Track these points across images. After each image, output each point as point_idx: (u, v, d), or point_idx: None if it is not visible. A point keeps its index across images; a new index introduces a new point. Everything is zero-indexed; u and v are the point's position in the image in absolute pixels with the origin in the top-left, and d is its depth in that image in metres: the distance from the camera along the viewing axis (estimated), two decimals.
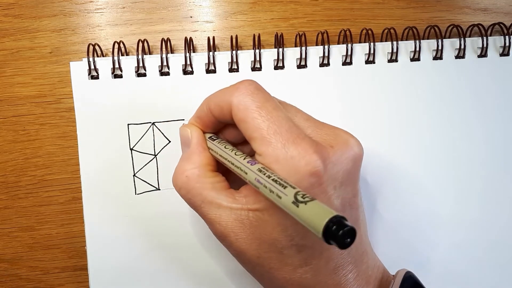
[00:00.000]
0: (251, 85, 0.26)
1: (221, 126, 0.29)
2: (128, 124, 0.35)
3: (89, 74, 0.34)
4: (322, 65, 0.36)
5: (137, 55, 0.34)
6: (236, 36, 0.36)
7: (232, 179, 0.28)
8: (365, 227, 0.29)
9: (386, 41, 0.37)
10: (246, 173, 0.25)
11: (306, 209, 0.20)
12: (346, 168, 0.25)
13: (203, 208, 0.27)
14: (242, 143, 0.30)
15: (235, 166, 0.26)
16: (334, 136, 0.26)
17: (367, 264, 0.28)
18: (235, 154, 0.26)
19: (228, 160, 0.27)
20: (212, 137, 0.29)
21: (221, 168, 0.28)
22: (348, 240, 0.19)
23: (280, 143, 0.24)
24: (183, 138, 0.29)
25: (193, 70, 0.35)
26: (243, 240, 0.26)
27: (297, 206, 0.21)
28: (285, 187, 0.22)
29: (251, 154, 0.26)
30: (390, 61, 0.36)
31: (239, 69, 0.35)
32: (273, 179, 0.23)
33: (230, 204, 0.26)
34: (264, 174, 0.23)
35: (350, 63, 0.36)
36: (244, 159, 0.25)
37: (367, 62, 0.36)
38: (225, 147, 0.27)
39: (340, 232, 0.19)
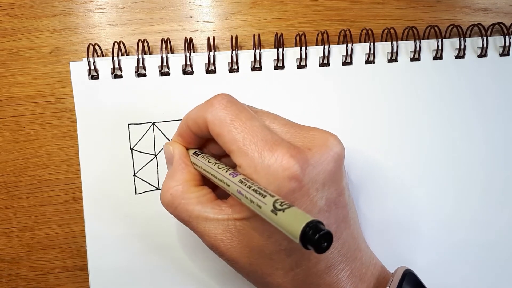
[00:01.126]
0: (224, 99, 0.26)
1: (203, 141, 0.29)
2: (128, 124, 0.35)
3: (89, 74, 0.34)
4: (322, 65, 0.36)
5: (137, 55, 0.34)
6: (236, 36, 0.36)
7: (222, 191, 0.28)
8: (356, 224, 0.29)
9: (386, 41, 0.37)
10: (229, 185, 0.25)
11: (284, 216, 0.21)
12: (326, 168, 0.25)
13: (192, 223, 0.27)
14: (226, 155, 0.30)
15: (218, 179, 0.26)
16: (311, 138, 0.26)
17: (361, 261, 0.28)
18: (218, 167, 0.27)
19: (211, 174, 0.27)
20: (196, 152, 0.29)
21: (208, 182, 0.29)
22: (325, 244, 0.19)
23: (256, 152, 0.24)
24: (167, 155, 0.30)
25: (193, 70, 0.35)
26: (233, 250, 0.26)
27: (276, 214, 0.21)
28: (264, 196, 0.22)
29: (235, 165, 0.27)
30: (390, 61, 0.36)
31: (239, 69, 0.35)
32: (253, 189, 0.23)
33: (216, 216, 0.26)
34: (245, 185, 0.24)
35: (350, 63, 0.36)
36: (227, 171, 0.26)
37: (367, 62, 0.36)
38: (208, 161, 0.28)
39: (316, 237, 0.19)
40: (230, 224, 0.26)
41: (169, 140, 0.35)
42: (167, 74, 0.35)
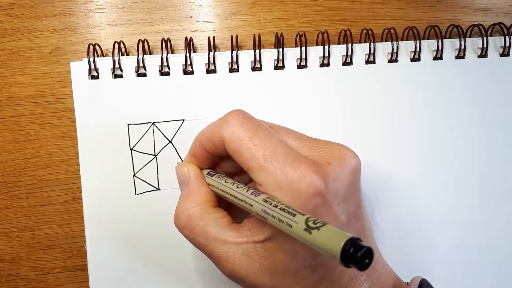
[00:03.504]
0: (239, 115, 0.26)
1: (217, 160, 0.29)
2: (128, 124, 0.35)
3: (89, 74, 0.34)
4: (322, 65, 0.36)
5: (137, 55, 0.34)
6: (236, 36, 0.36)
7: (233, 214, 0.28)
8: (372, 234, 0.29)
9: (386, 41, 0.37)
10: (252, 205, 0.24)
11: (319, 235, 0.20)
12: (346, 182, 0.25)
13: (209, 246, 0.26)
14: (239, 173, 0.29)
15: (238, 200, 0.25)
16: (329, 152, 0.26)
17: (379, 272, 0.28)
18: (237, 187, 0.26)
19: (230, 194, 0.26)
20: (211, 172, 0.28)
21: (221, 203, 0.28)
22: (367, 261, 0.19)
23: (278, 169, 0.24)
24: (181, 177, 0.29)
25: (193, 70, 0.35)
26: (254, 275, 0.26)
27: (310, 233, 0.20)
28: (294, 215, 0.22)
29: (250, 182, 0.26)
30: (390, 61, 0.36)
31: (239, 69, 0.35)
32: (280, 208, 0.23)
33: (235, 239, 0.26)
34: (271, 204, 0.23)
35: (350, 63, 0.36)
36: (247, 191, 0.25)
37: (367, 62, 0.36)
38: (225, 181, 0.27)
39: (358, 254, 0.19)
40: (250, 247, 0.25)
41: (169, 140, 0.35)
42: (167, 74, 0.35)
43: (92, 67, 0.34)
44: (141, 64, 0.35)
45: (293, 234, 0.22)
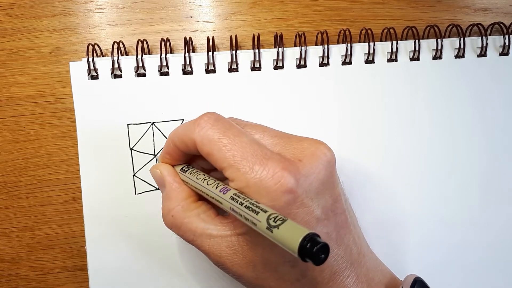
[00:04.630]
0: (211, 118, 0.26)
1: (191, 157, 0.29)
2: (127, 124, 0.35)
3: (88, 74, 0.34)
4: (321, 64, 0.36)
5: (137, 55, 0.35)
6: (236, 36, 0.36)
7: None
8: (356, 228, 0.29)
9: (385, 40, 0.37)
10: (221, 203, 0.25)
11: (279, 232, 0.21)
12: (318, 177, 0.25)
13: (196, 241, 0.27)
14: (216, 169, 0.30)
15: (209, 197, 0.26)
16: (301, 149, 0.26)
17: (366, 267, 0.28)
18: (207, 183, 0.26)
19: (202, 191, 0.27)
20: (184, 168, 0.29)
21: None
22: (323, 256, 0.20)
23: (248, 167, 0.24)
24: (156, 179, 0.30)
25: (193, 70, 0.35)
26: (238, 266, 0.26)
27: (271, 231, 0.21)
28: (257, 213, 0.22)
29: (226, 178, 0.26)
30: (389, 60, 0.36)
31: (239, 69, 0.35)
32: (245, 206, 0.23)
33: (219, 232, 0.26)
34: (237, 202, 0.24)
35: (350, 62, 0.36)
36: (217, 188, 0.26)
37: (367, 61, 0.36)
38: (197, 178, 0.27)
39: (314, 249, 0.19)
40: (233, 240, 0.26)
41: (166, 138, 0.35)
42: (167, 74, 0.35)
43: (92, 67, 0.34)
44: (140, 64, 0.35)
45: (259, 230, 0.22)
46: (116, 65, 0.34)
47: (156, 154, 0.35)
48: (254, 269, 0.26)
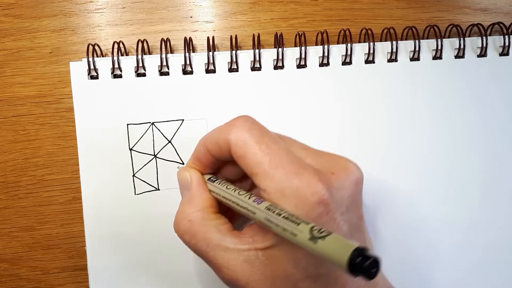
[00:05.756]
0: (248, 121, 0.26)
1: (219, 165, 0.29)
2: (127, 124, 0.35)
3: (88, 74, 0.34)
4: (321, 65, 0.36)
5: (137, 55, 0.35)
6: (236, 36, 0.36)
7: (232, 221, 0.28)
8: (371, 247, 0.29)
9: (385, 41, 0.37)
10: (255, 213, 0.24)
11: (325, 244, 0.20)
12: (349, 192, 0.25)
13: (210, 253, 0.26)
14: (240, 179, 0.29)
15: (241, 207, 0.25)
16: (333, 162, 0.26)
17: (379, 286, 0.28)
18: (239, 194, 0.26)
19: (232, 201, 0.26)
20: (212, 178, 0.28)
21: (221, 208, 0.28)
22: (375, 270, 0.19)
23: (283, 176, 0.24)
24: (182, 182, 0.29)
25: (193, 70, 0.35)
26: (255, 283, 0.25)
27: (315, 242, 0.20)
28: (298, 224, 0.22)
29: (251, 190, 0.26)
30: (389, 60, 0.36)
31: (239, 69, 0.35)
32: (284, 217, 0.22)
33: (237, 246, 0.25)
34: (274, 212, 0.23)
35: (350, 63, 0.36)
36: (249, 198, 0.25)
37: (367, 61, 0.36)
38: (227, 188, 0.27)
39: (366, 263, 0.19)
40: (252, 254, 0.25)
41: (168, 140, 0.35)
42: (167, 74, 0.35)
43: (92, 67, 0.34)
44: (140, 64, 0.35)
45: (298, 243, 0.21)
46: (116, 65, 0.34)
47: (155, 154, 0.35)
48: (272, 285, 0.25)
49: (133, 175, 0.35)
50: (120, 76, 0.35)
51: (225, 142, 0.26)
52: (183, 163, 0.35)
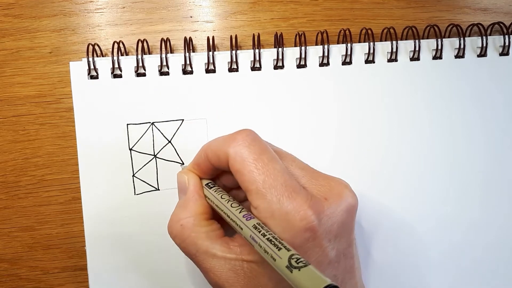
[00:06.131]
0: (249, 136, 0.26)
1: (219, 172, 0.29)
2: (127, 124, 0.35)
3: (88, 74, 0.34)
4: (321, 64, 0.36)
5: (137, 55, 0.34)
6: (236, 36, 0.36)
7: (227, 225, 0.28)
8: (359, 273, 0.29)
9: (385, 40, 0.37)
10: (242, 229, 0.25)
11: (299, 275, 0.20)
12: (340, 220, 0.25)
13: (198, 257, 0.27)
14: (238, 188, 0.30)
15: (230, 219, 0.26)
16: (328, 187, 0.26)
17: None
18: (231, 206, 0.26)
19: (223, 212, 0.27)
20: (209, 184, 0.29)
21: (216, 214, 0.28)
22: None
23: (275, 197, 0.24)
24: (180, 185, 0.29)
25: (193, 70, 0.35)
26: None
27: (291, 271, 0.21)
28: (279, 249, 0.22)
29: (246, 200, 0.26)
30: (389, 60, 0.36)
31: (239, 69, 0.35)
32: (268, 238, 0.23)
33: (224, 254, 0.26)
34: (259, 232, 0.23)
35: (350, 62, 0.36)
36: (240, 212, 0.25)
37: (367, 61, 0.36)
38: (221, 197, 0.27)
39: None
40: (238, 264, 0.26)
41: (168, 140, 0.35)
42: (167, 74, 0.35)
43: (92, 67, 0.34)
44: (140, 64, 0.35)
45: (276, 267, 0.22)
46: (116, 65, 0.34)
47: (155, 154, 0.35)
48: None
49: (133, 175, 0.35)
50: (120, 76, 0.35)
51: (224, 155, 0.26)
52: (183, 163, 0.35)
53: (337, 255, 0.26)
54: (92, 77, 0.35)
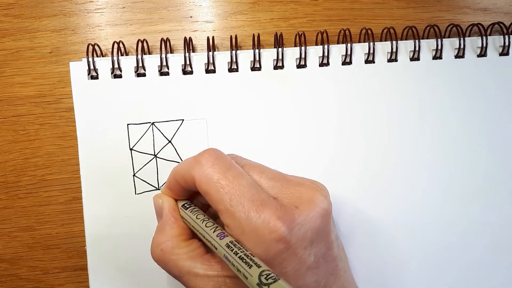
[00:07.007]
0: (211, 156, 0.26)
1: (193, 193, 0.29)
2: (127, 124, 0.35)
3: (88, 74, 0.34)
4: (321, 64, 0.36)
5: (137, 55, 0.35)
6: (236, 36, 0.36)
7: None
8: (347, 273, 0.29)
9: (385, 40, 0.37)
10: (216, 248, 0.25)
11: None
12: (313, 226, 0.25)
13: (182, 278, 0.27)
14: None
15: (205, 239, 0.26)
16: (299, 195, 0.26)
17: None
18: (206, 225, 0.26)
19: (199, 232, 0.27)
20: (185, 204, 0.29)
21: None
22: None
23: (243, 213, 0.24)
24: (156, 208, 0.30)
25: (193, 70, 0.35)
26: None
27: None
28: (250, 266, 0.22)
29: None
30: (389, 60, 0.36)
31: (239, 69, 0.35)
32: (239, 257, 0.23)
33: (206, 272, 0.26)
34: (232, 251, 0.24)
35: (350, 62, 0.36)
36: (214, 231, 0.26)
37: (367, 61, 0.36)
38: (197, 217, 0.27)
39: None
40: (220, 281, 0.26)
41: (168, 140, 0.35)
42: (167, 74, 0.35)
43: (92, 67, 0.34)
44: (140, 64, 0.35)
45: (249, 285, 0.22)
46: (116, 65, 0.34)
47: (156, 154, 0.35)
48: None
49: (133, 175, 0.35)
50: (120, 76, 0.35)
51: (190, 178, 0.26)
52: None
53: (316, 261, 0.26)
54: (92, 77, 0.35)
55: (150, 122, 0.35)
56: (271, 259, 0.24)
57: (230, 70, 0.35)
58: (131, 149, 0.35)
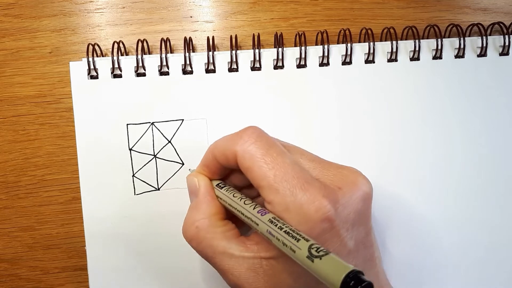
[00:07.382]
0: (254, 133, 0.26)
1: (228, 172, 0.29)
2: (127, 124, 0.35)
3: (88, 74, 0.34)
4: (321, 64, 0.36)
5: (137, 55, 0.35)
6: (236, 36, 0.36)
7: (241, 224, 0.28)
8: (380, 263, 0.29)
9: (385, 40, 0.37)
10: (258, 224, 0.24)
11: (321, 264, 0.20)
12: (356, 208, 0.25)
13: (215, 259, 0.26)
14: (248, 186, 0.29)
15: (245, 216, 0.25)
16: (341, 176, 0.26)
17: None
18: (245, 203, 0.26)
19: (237, 210, 0.26)
20: (220, 184, 0.28)
21: (229, 214, 0.28)
22: None
23: (288, 190, 0.24)
24: (191, 188, 0.29)
25: (193, 70, 0.35)
26: None
27: (312, 261, 0.20)
28: (298, 240, 0.22)
29: (258, 197, 0.26)
30: (389, 60, 0.36)
31: (239, 69, 0.35)
32: (285, 231, 0.22)
33: (242, 253, 0.26)
34: (276, 226, 0.23)
35: (350, 62, 0.36)
36: (254, 208, 0.25)
37: (367, 61, 0.36)
38: (233, 196, 0.27)
39: (359, 287, 0.19)
40: (256, 262, 0.25)
41: (168, 140, 0.35)
42: (167, 73, 0.35)
43: (92, 67, 0.34)
44: (140, 64, 0.35)
45: (296, 259, 0.22)
46: (116, 65, 0.34)
47: (155, 154, 0.35)
48: None
49: (133, 175, 0.35)
50: (120, 76, 0.35)
51: (232, 154, 0.26)
52: (183, 163, 0.35)
53: (356, 245, 0.25)
54: (92, 77, 0.35)
55: (149, 122, 0.35)
56: (315, 239, 0.23)
57: (230, 70, 0.35)
58: (130, 149, 0.35)
